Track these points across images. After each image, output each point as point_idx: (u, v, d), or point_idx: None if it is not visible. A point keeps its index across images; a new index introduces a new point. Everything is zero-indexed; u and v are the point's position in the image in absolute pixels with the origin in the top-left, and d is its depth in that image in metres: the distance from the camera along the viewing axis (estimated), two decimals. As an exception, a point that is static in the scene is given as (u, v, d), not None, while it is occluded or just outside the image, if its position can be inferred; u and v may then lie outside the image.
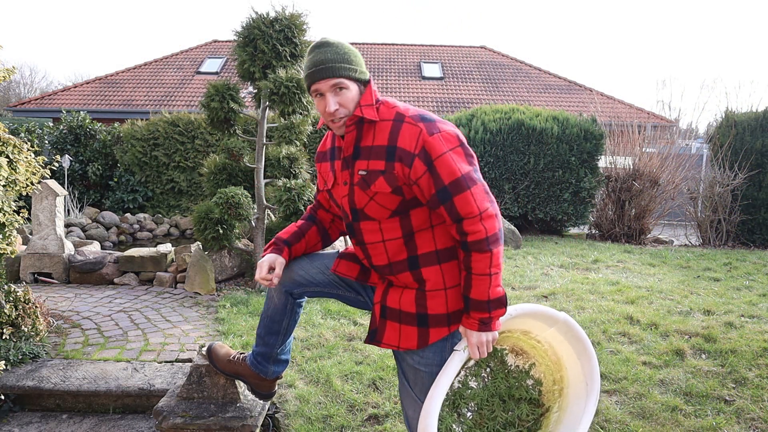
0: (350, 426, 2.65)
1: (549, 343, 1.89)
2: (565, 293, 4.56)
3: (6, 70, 3.06)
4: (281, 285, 1.95)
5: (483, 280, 1.59)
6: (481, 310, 1.62)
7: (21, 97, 31.91)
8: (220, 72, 16.32)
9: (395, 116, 1.63)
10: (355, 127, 1.65)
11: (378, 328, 1.78)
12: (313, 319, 3.99)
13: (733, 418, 2.66)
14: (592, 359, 1.85)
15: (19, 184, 3.13)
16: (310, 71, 1.62)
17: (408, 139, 1.58)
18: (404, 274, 1.71)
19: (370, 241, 1.71)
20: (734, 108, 8.67)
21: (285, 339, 2.09)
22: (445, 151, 1.56)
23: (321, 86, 1.61)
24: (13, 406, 2.92)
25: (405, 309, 1.72)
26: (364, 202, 1.66)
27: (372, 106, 1.64)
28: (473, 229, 1.57)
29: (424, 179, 1.57)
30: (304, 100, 4.74)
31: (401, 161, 1.58)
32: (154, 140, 9.65)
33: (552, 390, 1.89)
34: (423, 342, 1.71)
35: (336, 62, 1.60)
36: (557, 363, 1.89)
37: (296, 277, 1.93)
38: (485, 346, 1.65)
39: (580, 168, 8.29)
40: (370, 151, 1.64)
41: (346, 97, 1.62)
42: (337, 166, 1.74)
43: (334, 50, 1.62)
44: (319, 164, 1.88)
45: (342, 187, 1.72)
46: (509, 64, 17.60)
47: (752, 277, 5.36)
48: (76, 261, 5.14)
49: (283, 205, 4.92)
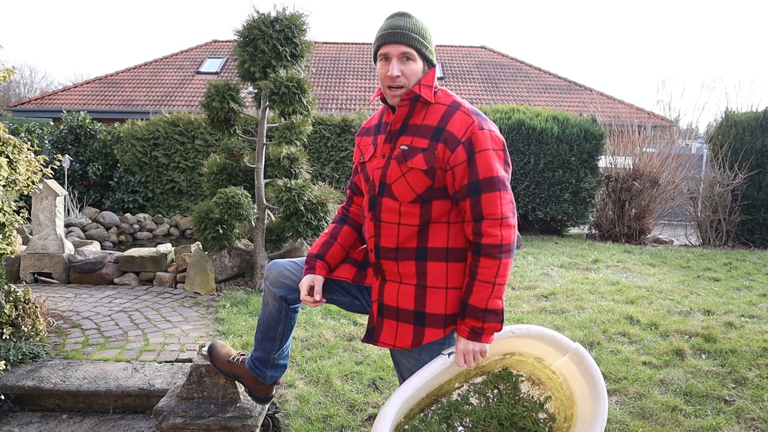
0: (350, 426, 2.65)
1: (564, 376, 1.79)
2: (565, 293, 4.56)
3: (6, 70, 3.06)
4: (276, 290, 1.94)
5: (485, 288, 1.58)
6: (475, 318, 1.60)
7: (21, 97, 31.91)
8: (220, 72, 16.32)
9: (451, 103, 1.65)
10: (409, 103, 1.65)
11: (376, 327, 1.77)
12: (313, 319, 3.99)
13: (733, 418, 2.66)
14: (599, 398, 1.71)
15: (20, 184, 3.13)
16: (383, 33, 1.63)
17: (458, 125, 1.60)
18: (408, 263, 1.68)
19: (387, 220, 1.68)
20: (734, 108, 8.67)
21: (282, 344, 2.08)
22: (489, 148, 1.58)
23: (390, 50, 1.62)
24: (13, 406, 2.92)
25: (403, 306, 1.70)
26: (396, 176, 1.65)
27: (431, 87, 1.66)
28: (491, 231, 1.56)
29: (461, 168, 1.58)
30: (304, 100, 4.73)
31: (445, 143, 1.59)
32: (154, 140, 9.65)
33: (561, 427, 1.78)
34: (417, 341, 1.69)
35: (412, 32, 1.62)
36: (570, 398, 1.78)
37: (290, 282, 1.92)
38: (472, 355, 1.62)
39: (580, 168, 8.29)
40: (418, 129, 1.65)
41: (411, 68, 1.62)
42: (380, 139, 1.74)
43: (413, 22, 1.64)
44: (360, 138, 1.87)
45: (379, 159, 1.71)
46: (509, 64, 17.60)
47: (752, 277, 5.36)
48: (76, 261, 5.14)
49: (283, 205, 4.92)
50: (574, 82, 16.55)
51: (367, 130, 1.86)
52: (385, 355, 3.33)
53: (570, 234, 8.96)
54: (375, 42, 1.67)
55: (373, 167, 1.73)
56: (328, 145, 9.62)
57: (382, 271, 1.74)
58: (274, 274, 1.96)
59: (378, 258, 1.73)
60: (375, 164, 1.72)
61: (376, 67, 1.68)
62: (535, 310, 4.13)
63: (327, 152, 9.65)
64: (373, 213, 1.71)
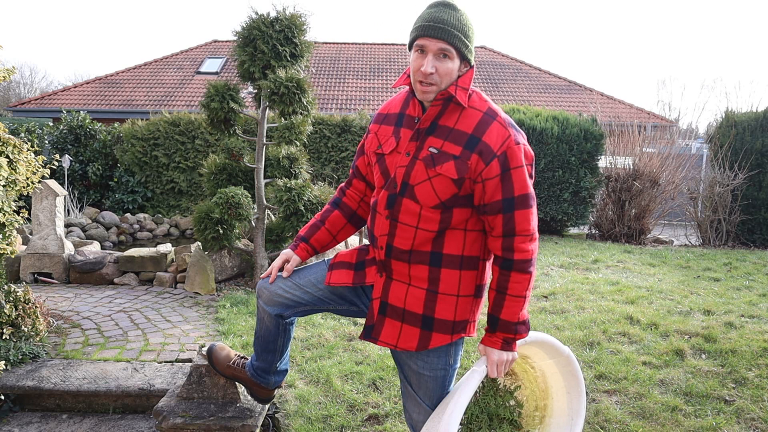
0: (350, 426, 2.65)
1: (542, 372, 1.91)
2: (565, 293, 4.56)
3: (6, 70, 3.06)
4: (270, 309, 1.88)
5: (517, 302, 1.60)
6: (508, 332, 1.61)
7: (21, 97, 31.91)
8: (220, 72, 16.32)
9: (487, 110, 1.58)
10: (442, 104, 1.58)
11: (375, 325, 1.73)
12: (313, 319, 3.99)
13: (733, 418, 2.66)
14: (581, 397, 1.88)
15: (19, 184, 3.13)
16: (423, 23, 1.52)
17: (495, 137, 1.54)
18: (421, 266, 1.64)
19: (404, 221, 1.62)
20: (734, 108, 8.67)
21: (282, 355, 2.06)
22: (523, 164, 1.56)
23: (428, 43, 1.52)
24: (13, 406, 2.92)
25: (410, 308, 1.66)
26: (421, 179, 1.58)
27: (466, 91, 1.58)
28: (523, 247, 1.57)
29: (494, 182, 1.54)
30: (304, 100, 4.73)
31: (480, 155, 1.53)
32: (154, 140, 9.65)
33: (532, 415, 1.90)
34: (423, 345, 1.67)
35: (454, 28, 1.52)
36: (544, 391, 1.92)
37: (284, 300, 1.85)
38: (504, 365, 1.64)
39: (580, 168, 8.29)
40: (449, 132, 1.58)
41: (447, 67, 1.53)
42: (404, 134, 1.65)
43: (457, 17, 1.53)
44: (377, 125, 1.75)
45: (402, 156, 1.63)
46: (509, 64, 17.60)
47: (752, 277, 5.36)
48: (76, 261, 5.14)
49: (283, 205, 4.92)
50: (574, 82, 16.54)
51: (385, 118, 1.74)
52: (386, 355, 3.33)
53: (570, 234, 8.96)
54: (413, 31, 1.56)
55: (395, 163, 1.65)
56: (328, 145, 9.62)
57: (389, 270, 1.69)
58: (266, 294, 1.87)
59: (388, 257, 1.68)
60: (397, 160, 1.64)
61: (410, 56, 1.60)
62: (535, 310, 4.13)
63: (327, 152, 9.65)
64: (391, 212, 1.64)
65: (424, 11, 1.56)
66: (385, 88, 15.57)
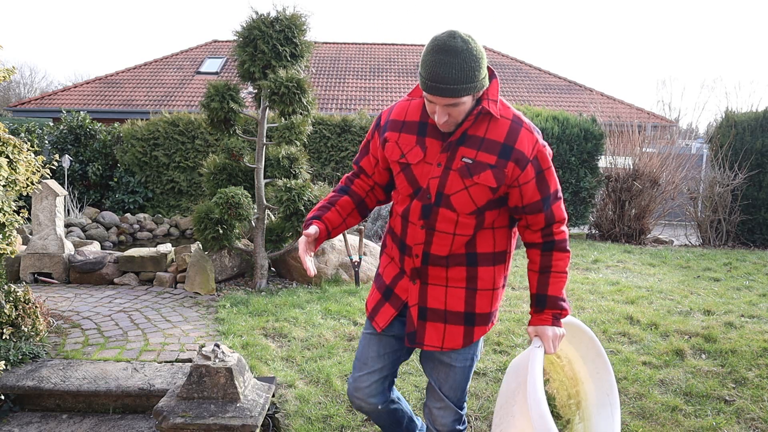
0: (350, 426, 2.65)
1: (568, 359, 1.97)
2: (565, 293, 4.55)
3: (6, 70, 3.06)
4: (375, 400, 1.88)
5: (561, 278, 1.73)
6: (556, 307, 1.71)
7: (21, 97, 31.91)
8: (220, 72, 16.32)
9: (513, 118, 1.64)
10: (475, 117, 1.59)
11: (417, 330, 1.77)
12: (313, 319, 3.99)
13: (733, 418, 2.66)
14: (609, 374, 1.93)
15: (19, 184, 3.13)
16: (427, 82, 1.49)
17: (526, 144, 1.62)
18: (459, 268, 1.72)
19: (442, 229, 1.67)
20: (734, 108, 8.67)
21: (412, 420, 2.09)
22: (551, 164, 1.69)
23: (435, 100, 1.52)
24: (13, 406, 2.92)
25: (452, 308, 1.74)
26: (457, 188, 1.62)
27: (496, 102, 1.61)
28: (560, 230, 1.73)
29: (531, 185, 1.64)
30: (304, 100, 4.73)
31: (516, 162, 1.61)
32: (154, 140, 9.65)
33: (567, 404, 1.96)
34: (468, 340, 1.76)
35: (459, 83, 1.46)
36: (573, 378, 1.96)
37: (374, 385, 1.87)
38: (558, 340, 1.71)
39: (580, 168, 8.29)
40: (481, 142, 1.61)
41: (459, 110, 1.55)
42: (430, 144, 1.65)
43: (460, 64, 1.45)
44: (396, 134, 1.72)
45: (433, 167, 1.64)
46: (509, 64, 17.60)
47: (752, 277, 5.36)
48: (76, 261, 5.14)
49: (283, 205, 4.92)
50: (574, 82, 16.55)
51: (404, 126, 1.71)
52: (385, 355, 3.32)
53: (570, 234, 8.96)
54: (419, 79, 1.53)
55: (425, 174, 1.66)
56: (328, 145, 9.62)
57: (423, 276, 1.74)
58: (361, 394, 1.88)
59: (425, 264, 1.73)
60: (427, 171, 1.65)
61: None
62: (535, 310, 4.13)
63: (327, 152, 9.65)
64: (427, 222, 1.67)
65: (427, 59, 1.48)
66: (385, 88, 15.57)
